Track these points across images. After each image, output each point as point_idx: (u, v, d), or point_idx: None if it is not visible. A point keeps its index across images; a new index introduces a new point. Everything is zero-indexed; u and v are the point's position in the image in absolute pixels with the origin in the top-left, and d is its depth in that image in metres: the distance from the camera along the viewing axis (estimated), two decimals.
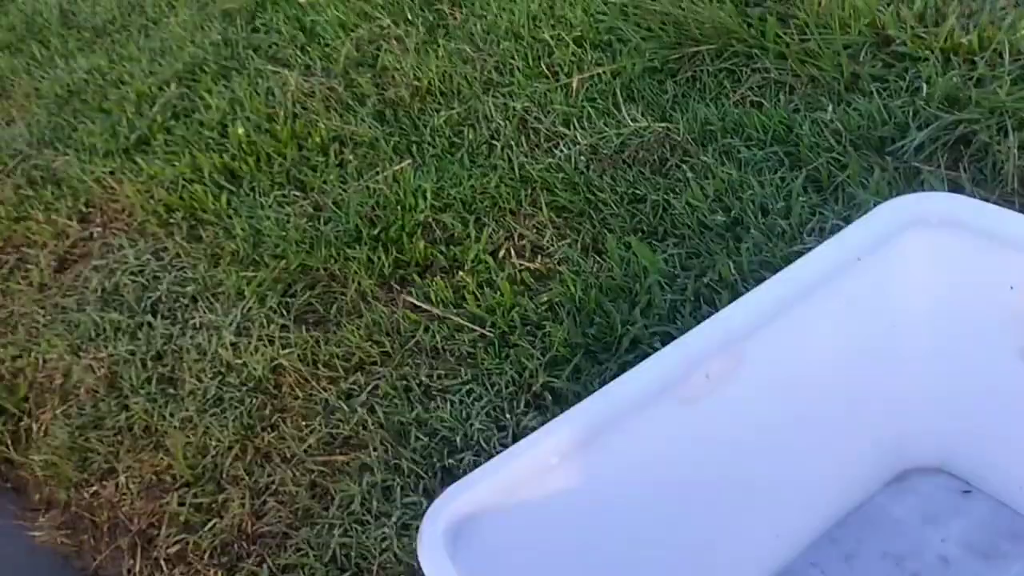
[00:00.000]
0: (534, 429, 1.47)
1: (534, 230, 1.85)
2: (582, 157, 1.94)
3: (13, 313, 2.16)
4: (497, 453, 1.46)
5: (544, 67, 2.20)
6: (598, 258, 1.73)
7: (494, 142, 2.08)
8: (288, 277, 1.93)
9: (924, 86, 1.70)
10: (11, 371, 2.05)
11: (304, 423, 1.63)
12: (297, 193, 2.14)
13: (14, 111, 2.85)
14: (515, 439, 1.48)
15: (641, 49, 2.08)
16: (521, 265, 1.79)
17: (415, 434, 1.53)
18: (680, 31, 2.04)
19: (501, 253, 1.83)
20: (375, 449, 1.53)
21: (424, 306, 1.78)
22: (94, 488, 1.75)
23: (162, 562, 1.57)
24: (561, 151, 1.97)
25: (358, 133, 2.23)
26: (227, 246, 2.04)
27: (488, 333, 1.67)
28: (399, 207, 1.98)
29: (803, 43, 1.90)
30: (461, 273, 1.81)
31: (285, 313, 1.86)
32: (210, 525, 1.56)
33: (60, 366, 1.96)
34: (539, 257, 1.80)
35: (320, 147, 2.23)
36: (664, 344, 1.50)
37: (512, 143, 2.05)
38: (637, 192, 1.80)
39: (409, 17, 2.53)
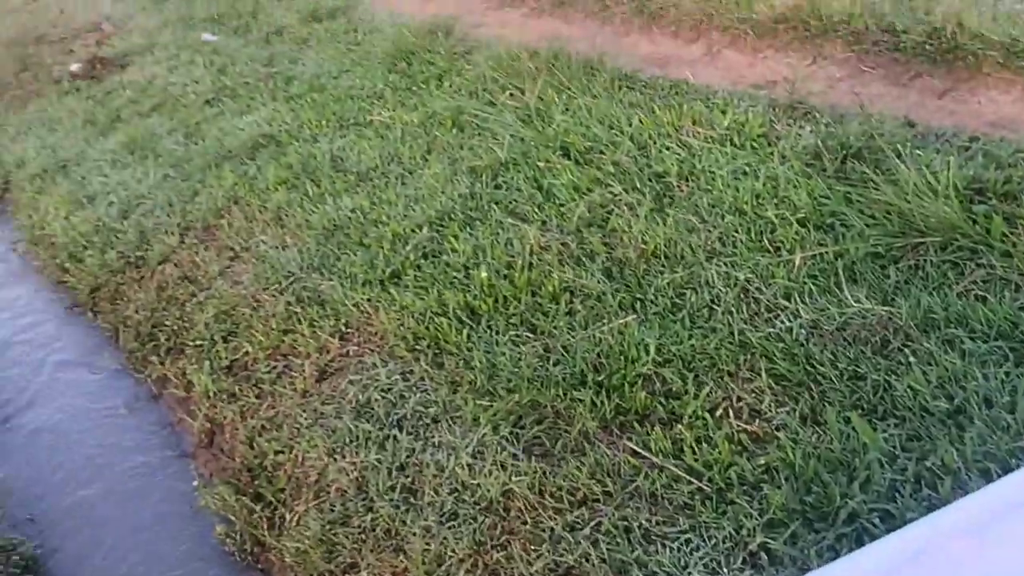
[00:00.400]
0: None
1: (752, 394, 1.99)
2: (803, 330, 2.07)
3: (279, 413, 2.51)
4: None
5: (767, 242, 2.39)
6: (816, 428, 1.84)
7: (715, 307, 2.26)
8: (519, 410, 2.15)
9: None
10: (273, 464, 2.37)
11: (532, 547, 1.80)
12: (529, 335, 2.39)
13: (288, 238, 3.34)
14: None
15: (865, 234, 2.22)
16: (738, 426, 1.92)
17: (635, 574, 1.67)
18: (904, 221, 2.17)
19: (719, 412, 1.97)
20: None
21: (644, 453, 1.94)
22: None
23: None
24: (782, 322, 2.12)
25: (587, 286, 2.48)
26: (466, 375, 2.31)
27: (705, 487, 1.80)
28: (622, 357, 2.18)
29: None
30: (679, 426, 1.96)
31: (515, 442, 2.07)
32: None
33: (317, 465, 2.25)
34: (757, 420, 1.93)
35: (552, 296, 2.49)
36: (883, 523, 1.58)
37: (733, 309, 2.22)
38: (858, 370, 1.91)
39: (638, 185, 2.81)
